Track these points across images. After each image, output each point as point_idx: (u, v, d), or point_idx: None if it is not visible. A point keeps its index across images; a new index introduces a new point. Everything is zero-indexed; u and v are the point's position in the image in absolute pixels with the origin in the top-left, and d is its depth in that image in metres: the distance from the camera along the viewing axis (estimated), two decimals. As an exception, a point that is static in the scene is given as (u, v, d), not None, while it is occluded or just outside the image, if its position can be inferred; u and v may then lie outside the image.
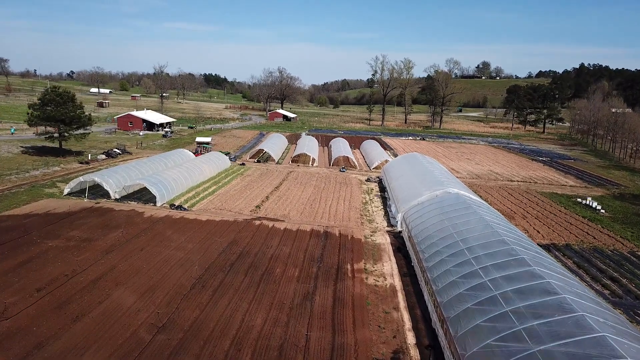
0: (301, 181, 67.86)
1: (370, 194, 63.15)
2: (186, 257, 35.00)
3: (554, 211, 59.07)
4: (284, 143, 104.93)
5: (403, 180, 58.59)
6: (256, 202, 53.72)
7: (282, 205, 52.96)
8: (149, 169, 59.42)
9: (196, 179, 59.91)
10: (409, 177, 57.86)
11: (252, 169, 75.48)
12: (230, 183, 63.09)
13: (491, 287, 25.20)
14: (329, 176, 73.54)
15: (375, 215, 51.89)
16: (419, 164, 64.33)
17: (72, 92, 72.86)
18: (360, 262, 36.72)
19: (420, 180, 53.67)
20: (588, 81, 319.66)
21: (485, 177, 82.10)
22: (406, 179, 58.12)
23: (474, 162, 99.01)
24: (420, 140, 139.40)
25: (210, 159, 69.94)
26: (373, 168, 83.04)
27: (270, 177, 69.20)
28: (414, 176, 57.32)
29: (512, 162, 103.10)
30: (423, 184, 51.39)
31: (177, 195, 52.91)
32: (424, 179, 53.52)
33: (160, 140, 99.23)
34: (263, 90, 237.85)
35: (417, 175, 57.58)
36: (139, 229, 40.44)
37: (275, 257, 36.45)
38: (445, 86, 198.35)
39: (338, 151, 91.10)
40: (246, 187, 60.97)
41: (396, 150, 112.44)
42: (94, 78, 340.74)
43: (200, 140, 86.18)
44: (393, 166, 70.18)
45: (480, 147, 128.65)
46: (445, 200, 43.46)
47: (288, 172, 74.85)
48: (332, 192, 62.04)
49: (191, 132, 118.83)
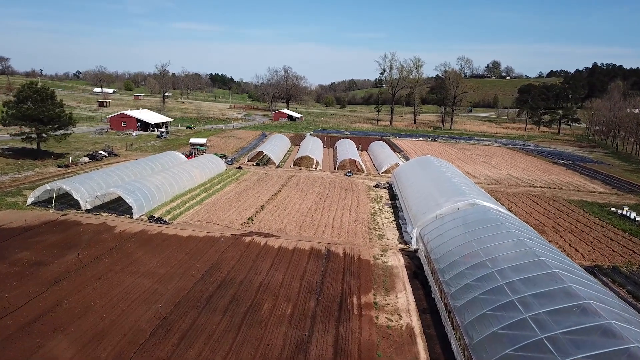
0: (302, 187, 61.14)
1: (379, 202, 56.30)
2: (154, 287, 28.37)
3: (589, 223, 51.88)
4: (286, 145, 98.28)
5: (417, 187, 51.69)
6: (249, 212, 47.03)
7: (279, 217, 46.25)
8: (131, 174, 52.97)
9: (184, 186, 53.36)
10: (424, 184, 50.93)
11: (249, 173, 68.84)
12: (222, 190, 56.48)
13: (550, 348, 18.30)
14: (333, 181, 66.77)
15: (386, 229, 45.03)
16: (434, 168, 57.37)
17: (52, 88, 66.60)
18: (369, 294, 29.91)
19: (438, 189, 46.73)
20: (602, 80, 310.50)
21: (504, 183, 74.93)
22: (421, 186, 51.21)
23: (490, 166, 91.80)
24: (432, 142, 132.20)
25: (203, 162, 63.40)
26: (382, 172, 76.14)
27: (269, 183, 62.53)
28: (429, 183, 50.37)
29: (531, 165, 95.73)
30: (442, 193, 44.45)
31: (159, 205, 46.36)
32: (442, 187, 46.57)
33: (154, 142, 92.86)
34: (268, 89, 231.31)
35: (433, 182, 50.63)
36: (103, 249, 33.88)
37: (264, 286, 29.74)
38: (457, 85, 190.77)
39: (344, 153, 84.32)
40: (240, 195, 54.31)
41: (406, 152, 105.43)
42: (99, 78, 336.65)
43: (194, 141, 79.69)
44: (404, 171, 63.26)
45: (495, 149, 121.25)
46: (471, 215, 36.55)
47: (289, 176, 68.15)
48: (336, 200, 55.27)
49: (189, 133, 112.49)
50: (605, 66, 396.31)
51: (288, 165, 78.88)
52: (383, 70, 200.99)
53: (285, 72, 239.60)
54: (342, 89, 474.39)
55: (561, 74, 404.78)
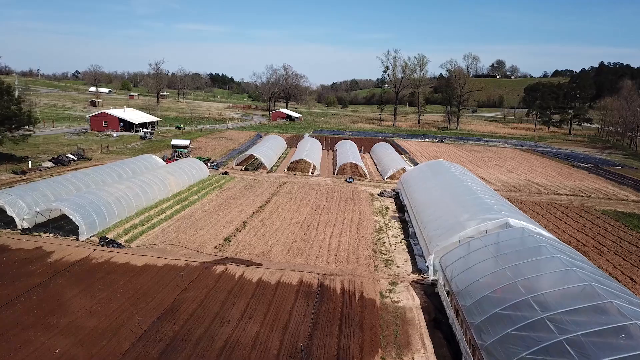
0: (296, 196, 52.85)
1: (385, 215, 47.97)
2: (70, 353, 20.06)
3: (635, 241, 43.44)
4: (282, 147, 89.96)
5: (431, 198, 43.33)
6: (228, 230, 38.74)
7: (264, 236, 37.97)
8: (91, 182, 44.76)
9: (154, 197, 45.09)
10: (439, 196, 42.55)
11: (235, 179, 60.52)
12: (200, 200, 48.19)
13: None
14: (332, 189, 58.47)
15: (394, 251, 36.70)
16: (448, 175, 48.98)
17: (7, 83, 58.46)
18: (376, 356, 21.60)
19: (457, 202, 38.36)
20: (611, 80, 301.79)
21: (524, 190, 66.50)
22: (435, 197, 42.84)
23: (506, 170, 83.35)
24: (439, 143, 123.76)
25: (182, 167, 55.16)
26: (387, 178, 67.78)
27: (257, 191, 54.24)
28: (446, 194, 41.97)
29: (550, 169, 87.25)
30: (463, 208, 36.09)
31: (117, 222, 38.10)
32: (462, 200, 38.19)
33: (135, 143, 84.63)
34: (266, 88, 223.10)
35: (450, 192, 42.22)
36: (22, 288, 25.62)
37: (230, 347, 21.44)
38: (463, 84, 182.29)
39: (344, 156, 75.99)
40: (220, 207, 45.99)
41: (412, 154, 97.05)
42: (95, 77, 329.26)
43: (176, 143, 71.40)
44: (413, 177, 54.92)
45: (508, 151, 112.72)
46: (506, 241, 28.19)
47: (281, 183, 59.86)
48: (334, 212, 46.95)
49: (177, 134, 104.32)
50: (612, 65, 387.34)
51: (282, 169, 70.57)
52: (386, 68, 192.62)
53: (285, 70, 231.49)
54: (344, 88, 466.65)
55: (566, 74, 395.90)
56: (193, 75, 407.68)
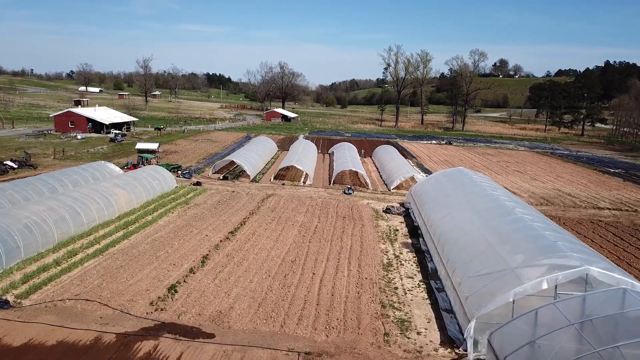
0: (280, 215, 41.92)
1: (393, 241, 37.10)
2: None
3: None
4: (271, 150, 79.02)
5: (456, 222, 32.40)
6: (178, 272, 27.83)
7: (227, 281, 27.06)
8: (6, 201, 33.84)
9: (89, 219, 34.18)
10: (468, 219, 31.54)
11: (209, 192, 49.55)
12: (155, 223, 37.25)
13: None
14: (327, 203, 47.60)
15: (412, 304, 25.80)
16: (477, 190, 37.98)
17: None
18: None
19: (498, 232, 27.33)
20: (619, 79, 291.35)
21: (557, 202, 55.64)
22: (463, 221, 31.87)
23: (528, 177, 72.47)
24: (447, 145, 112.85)
25: (139, 178, 44.26)
26: (393, 188, 56.90)
27: (232, 208, 43.32)
28: (479, 218, 30.88)
29: (577, 175, 76.40)
30: (511, 243, 25.09)
31: (21, 262, 27.17)
32: (506, 231, 27.15)
33: (101, 147, 73.57)
34: (260, 87, 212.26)
35: (484, 216, 31.15)
36: None
37: None
38: (470, 82, 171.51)
39: (342, 162, 65.12)
40: (178, 233, 35.04)
41: (419, 158, 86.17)
42: (86, 76, 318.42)
43: (142, 147, 60.34)
44: (428, 190, 44.00)
45: (524, 154, 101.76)
46: (600, 312, 17.31)
47: (264, 196, 48.94)
48: (328, 239, 36.06)
49: (154, 136, 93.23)
50: (618, 64, 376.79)
51: (268, 178, 59.60)
52: (387, 65, 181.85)
53: (281, 68, 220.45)
54: (343, 88, 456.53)
55: (570, 73, 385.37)
56: (190, 75, 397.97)
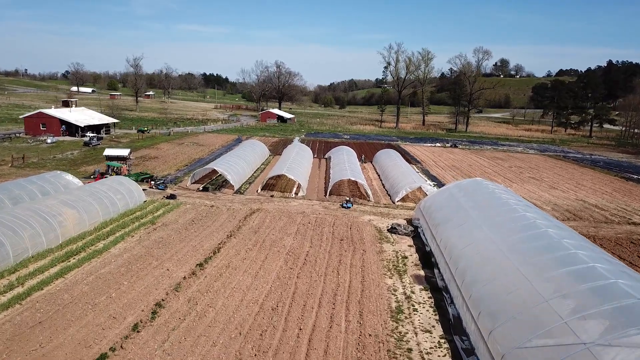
0: (264, 238, 34.67)
1: (402, 273, 29.87)
2: None
3: None
4: (262, 155, 71.70)
5: (482, 253, 25.17)
6: (117, 330, 20.54)
7: (180, 346, 19.77)
8: None
9: (16, 251, 26.89)
10: (503, 254, 24.24)
11: (182, 207, 42.22)
12: (106, 252, 29.94)
13: None
14: (321, 221, 40.36)
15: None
16: (505, 210, 30.69)
17: None
18: None
19: (551, 281, 20.05)
20: (623, 78, 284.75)
21: (585, 217, 48.48)
22: (496, 254, 24.60)
23: (546, 185, 65.28)
24: (452, 148, 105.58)
25: (97, 192, 37.00)
26: (398, 200, 49.69)
27: (207, 229, 36.04)
28: (516, 254, 23.60)
29: (599, 182, 69.24)
30: (578, 302, 17.81)
31: None
32: (561, 278, 19.88)
33: (72, 152, 66.14)
34: (255, 87, 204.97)
35: (523, 247, 23.91)
36: None
37: None
38: (474, 81, 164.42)
39: (340, 169, 57.91)
40: (131, 267, 27.72)
41: (425, 163, 78.93)
42: (78, 76, 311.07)
43: (111, 154, 52.92)
44: (441, 206, 36.78)
45: (535, 158, 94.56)
46: None
47: (248, 212, 41.65)
48: (321, 272, 28.83)
49: (136, 139, 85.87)
50: (621, 64, 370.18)
51: (255, 188, 52.31)
52: (388, 63, 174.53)
53: (277, 67, 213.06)
54: (342, 89, 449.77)
55: (571, 73, 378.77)
56: (186, 75, 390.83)
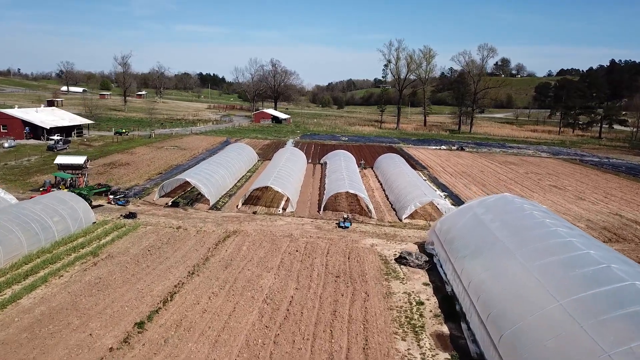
0: (236, 277, 26.61)
1: (419, 330, 21.88)
2: None
3: None
4: (248, 161, 63.56)
5: (546, 313, 17.32)
6: None
7: None
8: None
9: None
10: (560, 301, 16.42)
11: (141, 230, 34.14)
12: (12, 305, 21.87)
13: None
14: (312, 247, 32.33)
15: None
16: (555, 243, 22.80)
17: None
18: None
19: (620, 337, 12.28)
20: (628, 78, 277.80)
21: (628, 236, 40.60)
22: (561, 315, 16.76)
23: (571, 195, 57.38)
24: (459, 151, 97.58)
25: (24, 215, 28.99)
26: (406, 217, 41.66)
27: (163, 263, 27.98)
28: (582, 304, 15.82)
29: (630, 192, 61.26)
30: None
31: None
32: None
33: (29, 158, 58.09)
34: (250, 86, 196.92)
35: (587, 296, 16.10)
36: None
37: None
38: (478, 80, 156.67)
39: (337, 178, 49.88)
40: (39, 331, 19.67)
41: (431, 169, 70.93)
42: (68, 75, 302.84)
43: (63, 162, 44.66)
44: (465, 233, 28.82)
45: (551, 163, 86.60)
46: None
47: (222, 237, 33.59)
48: (309, 332, 20.82)
49: (111, 142, 77.73)
50: (624, 63, 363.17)
51: (235, 203, 44.17)
52: (388, 62, 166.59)
53: (273, 66, 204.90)
54: (340, 89, 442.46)
55: (572, 73, 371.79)
56: (182, 74, 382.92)
